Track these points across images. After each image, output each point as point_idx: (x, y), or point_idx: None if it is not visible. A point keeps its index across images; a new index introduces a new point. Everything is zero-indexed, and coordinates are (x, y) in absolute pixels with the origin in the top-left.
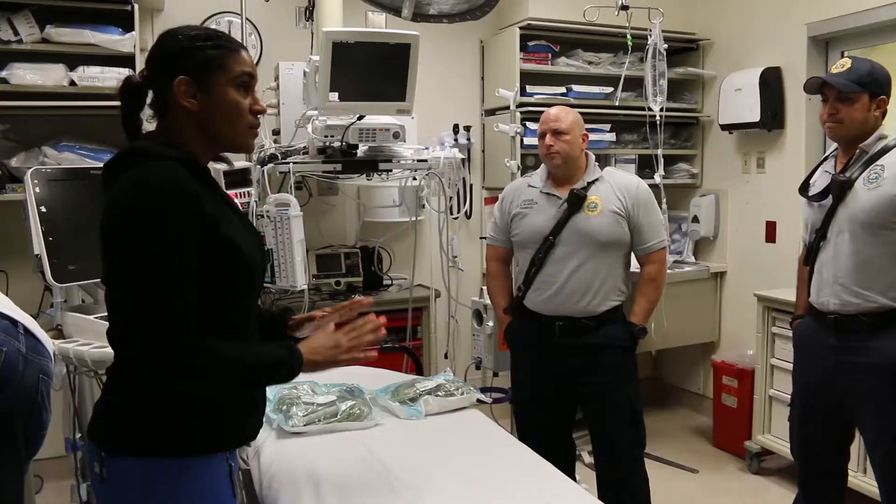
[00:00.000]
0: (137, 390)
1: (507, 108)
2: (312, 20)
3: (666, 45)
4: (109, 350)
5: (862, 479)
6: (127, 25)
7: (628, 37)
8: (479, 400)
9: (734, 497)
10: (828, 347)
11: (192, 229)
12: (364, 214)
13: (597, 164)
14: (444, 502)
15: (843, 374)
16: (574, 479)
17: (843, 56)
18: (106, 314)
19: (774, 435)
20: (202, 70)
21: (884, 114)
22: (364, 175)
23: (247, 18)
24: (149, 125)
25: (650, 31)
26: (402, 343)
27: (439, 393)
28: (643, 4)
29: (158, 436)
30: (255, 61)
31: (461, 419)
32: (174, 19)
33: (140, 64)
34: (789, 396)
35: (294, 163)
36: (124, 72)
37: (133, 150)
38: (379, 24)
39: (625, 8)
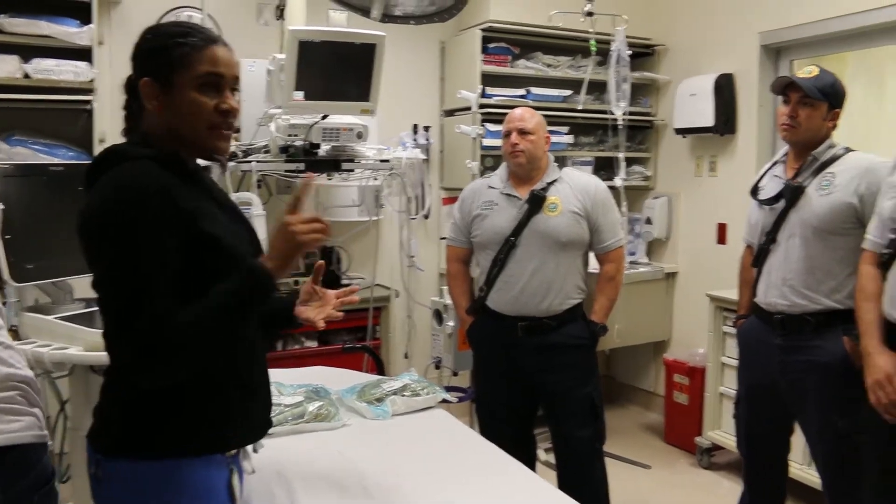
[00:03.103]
0: (130, 392)
1: (467, 108)
2: (283, 19)
3: (630, 51)
4: (70, 352)
5: (805, 470)
6: (84, 18)
7: (592, 42)
8: (444, 399)
9: (686, 491)
10: (773, 347)
11: (165, 227)
12: (322, 214)
13: (556, 164)
14: (418, 501)
15: (788, 372)
16: None
17: (791, 65)
18: (66, 314)
19: (724, 431)
20: (166, 70)
21: (835, 126)
22: (325, 174)
23: (208, 14)
24: None
25: (613, 36)
26: (363, 342)
27: (405, 393)
28: (604, 10)
29: (152, 437)
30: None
31: (427, 418)
32: (132, 13)
33: (97, 57)
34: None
35: (257, 161)
36: (81, 65)
37: (109, 153)
38: (340, 22)
39: (590, 14)
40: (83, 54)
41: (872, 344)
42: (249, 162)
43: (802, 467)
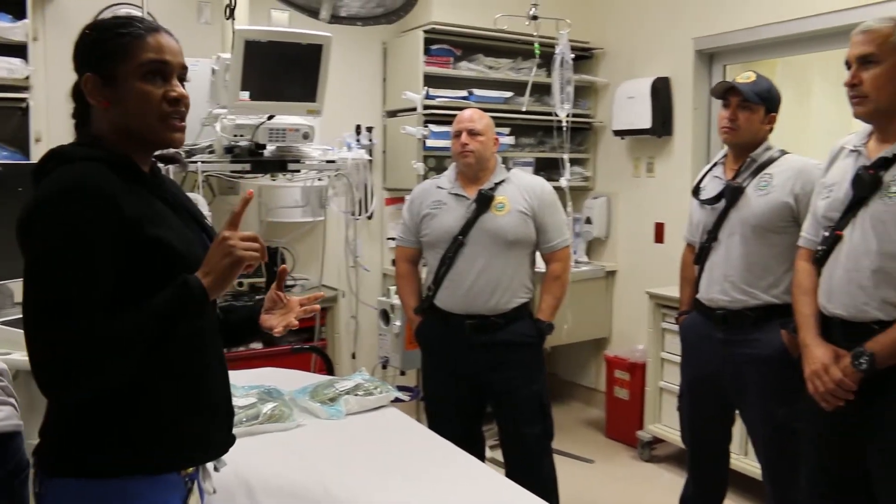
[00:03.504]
0: (75, 406)
1: (410, 109)
2: (233, 18)
3: (573, 55)
4: (14, 357)
5: (742, 459)
6: (18, 13)
7: (536, 46)
8: (396, 398)
9: (629, 484)
10: (715, 341)
11: (106, 234)
12: (266, 215)
13: (503, 165)
14: (380, 499)
15: (730, 364)
16: None
17: (724, 69)
18: (8, 319)
19: (664, 424)
20: (106, 63)
21: (771, 129)
22: (269, 175)
23: (147, 12)
24: None
25: (556, 40)
26: (310, 343)
27: (358, 392)
28: (545, 14)
29: (99, 455)
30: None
31: (381, 417)
32: (68, 8)
33: (32, 54)
34: (678, 387)
35: (203, 162)
36: (15, 61)
37: (54, 154)
38: (282, 22)
39: (535, 18)
40: (17, 50)
41: (810, 336)
42: (194, 162)
43: (739, 457)
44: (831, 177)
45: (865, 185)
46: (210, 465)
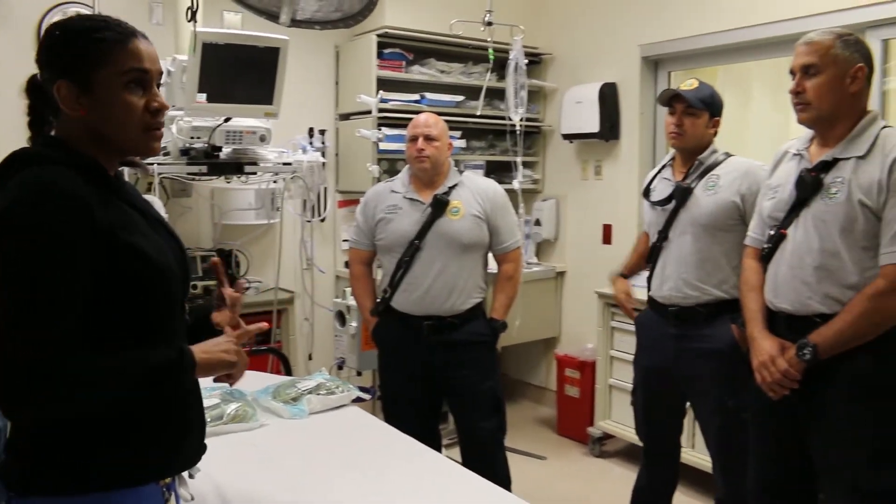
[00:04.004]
0: (38, 423)
1: (362, 112)
2: (195, 21)
3: (527, 60)
4: None
5: (692, 452)
6: None
7: (490, 51)
8: (358, 397)
9: (581, 479)
10: (668, 336)
11: (80, 240)
12: (220, 217)
13: (456, 169)
14: (348, 494)
15: (683, 359)
16: None
17: (669, 76)
18: None
19: (614, 420)
20: (84, 68)
21: (716, 133)
22: (223, 177)
23: (99, 13)
24: None
25: (509, 45)
26: (267, 345)
27: (321, 392)
28: (495, 19)
29: (69, 470)
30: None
31: (343, 416)
32: (13, 6)
33: None
34: (628, 384)
35: (159, 164)
36: None
37: (16, 156)
38: (235, 24)
39: (489, 24)
40: None
41: (757, 330)
42: (151, 164)
43: (687, 450)
44: (776, 179)
45: (807, 187)
46: (185, 473)
